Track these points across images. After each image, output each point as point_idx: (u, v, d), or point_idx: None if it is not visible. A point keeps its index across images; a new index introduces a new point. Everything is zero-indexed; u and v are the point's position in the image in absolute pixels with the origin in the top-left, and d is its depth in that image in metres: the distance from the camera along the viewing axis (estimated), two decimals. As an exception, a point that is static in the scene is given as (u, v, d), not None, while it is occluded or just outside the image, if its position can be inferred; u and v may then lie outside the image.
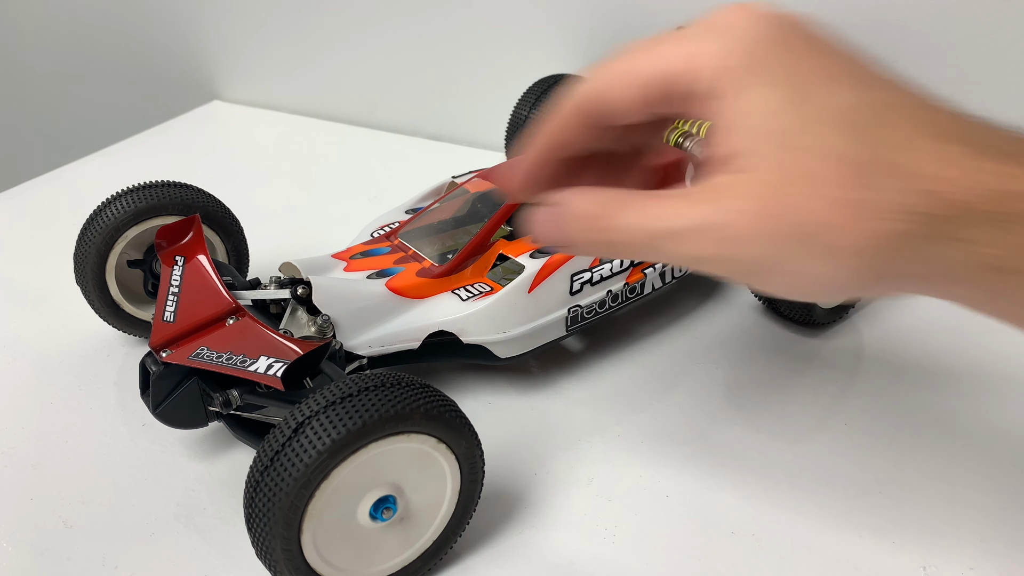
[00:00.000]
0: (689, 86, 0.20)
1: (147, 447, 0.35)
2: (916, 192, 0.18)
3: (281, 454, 0.24)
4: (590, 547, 0.30)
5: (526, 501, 0.32)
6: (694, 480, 0.33)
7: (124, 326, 0.40)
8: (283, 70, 0.71)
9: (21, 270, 0.49)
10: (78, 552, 0.30)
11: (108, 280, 0.38)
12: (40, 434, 0.36)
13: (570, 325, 0.37)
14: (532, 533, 0.31)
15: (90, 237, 0.37)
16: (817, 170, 0.18)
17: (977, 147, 0.19)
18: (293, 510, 0.24)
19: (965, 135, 0.19)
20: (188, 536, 0.31)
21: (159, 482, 0.33)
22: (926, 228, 0.18)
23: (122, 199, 0.37)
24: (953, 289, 0.19)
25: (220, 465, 0.34)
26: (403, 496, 0.27)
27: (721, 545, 0.30)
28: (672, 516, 0.31)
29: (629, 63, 0.22)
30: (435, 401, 0.26)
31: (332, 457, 0.24)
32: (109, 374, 0.40)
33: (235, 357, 0.30)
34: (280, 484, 0.24)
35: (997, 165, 0.18)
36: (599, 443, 0.35)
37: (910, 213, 0.18)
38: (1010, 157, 0.18)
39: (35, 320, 0.44)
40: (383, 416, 0.25)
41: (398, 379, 0.26)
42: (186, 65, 0.76)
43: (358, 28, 0.65)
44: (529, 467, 0.34)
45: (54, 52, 0.84)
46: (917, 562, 0.29)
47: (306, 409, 0.25)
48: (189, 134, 0.70)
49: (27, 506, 0.32)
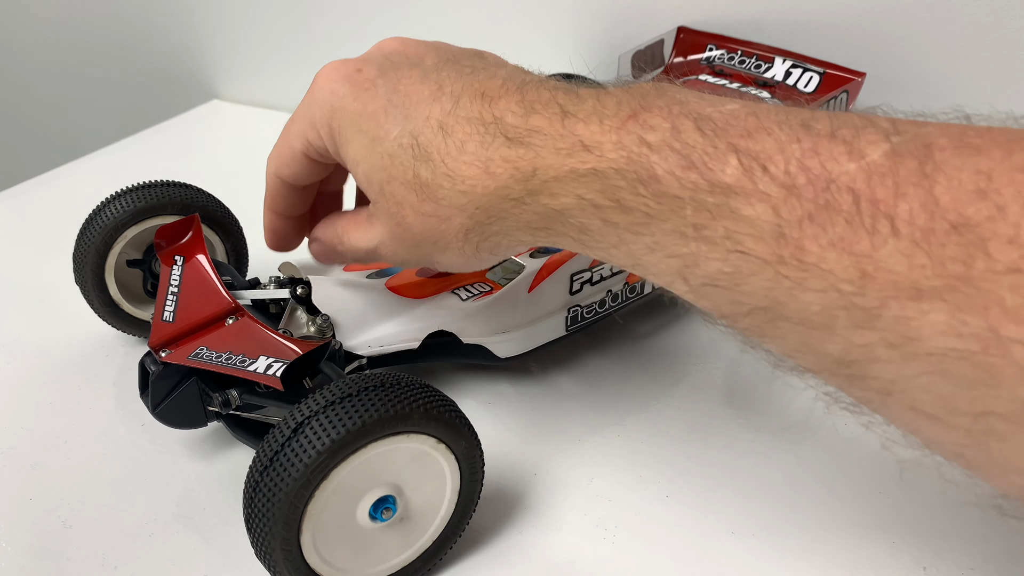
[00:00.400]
0: (325, 149, 0.28)
1: (146, 447, 0.35)
2: (461, 192, 0.24)
3: (280, 454, 0.24)
4: (590, 547, 0.30)
5: (526, 501, 0.32)
6: (694, 480, 0.33)
7: (123, 326, 0.40)
8: (283, 69, 0.71)
9: (20, 269, 0.49)
10: (77, 552, 0.30)
11: (107, 280, 0.38)
12: (39, 434, 0.36)
13: (570, 325, 0.37)
14: (532, 533, 0.31)
15: (89, 237, 0.37)
16: (404, 197, 0.26)
17: (506, 141, 0.24)
18: (292, 510, 0.24)
19: (507, 130, 0.24)
20: (188, 536, 0.31)
21: (159, 482, 0.33)
22: (485, 212, 0.25)
23: (121, 199, 0.37)
24: (527, 237, 0.25)
25: (220, 465, 0.34)
26: (403, 496, 0.27)
27: (721, 545, 0.30)
28: (672, 516, 0.31)
29: (288, 143, 0.29)
30: (435, 401, 0.26)
31: (332, 457, 0.24)
32: (108, 374, 0.39)
33: (234, 357, 0.30)
34: (279, 484, 0.24)
35: (513, 151, 0.24)
36: (599, 443, 0.35)
37: (467, 206, 0.25)
38: (515, 143, 0.24)
39: (34, 320, 0.44)
40: (383, 416, 0.25)
41: (398, 379, 0.26)
42: (185, 64, 0.76)
43: (358, 28, 0.65)
44: (529, 467, 0.34)
45: (52, 51, 0.84)
46: (917, 562, 0.29)
47: (305, 409, 0.25)
48: (188, 133, 0.70)
49: (26, 506, 0.32)
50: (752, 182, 0.20)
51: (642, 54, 0.49)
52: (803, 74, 0.46)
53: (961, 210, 0.17)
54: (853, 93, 0.44)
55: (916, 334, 0.17)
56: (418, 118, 0.26)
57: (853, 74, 0.44)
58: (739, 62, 0.48)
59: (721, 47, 0.49)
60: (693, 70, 0.49)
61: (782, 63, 0.47)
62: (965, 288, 0.17)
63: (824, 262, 0.19)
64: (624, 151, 0.22)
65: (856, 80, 0.44)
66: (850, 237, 0.18)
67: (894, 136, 0.19)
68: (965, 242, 0.17)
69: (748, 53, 0.48)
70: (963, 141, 0.18)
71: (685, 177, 0.20)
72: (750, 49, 0.48)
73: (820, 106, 0.43)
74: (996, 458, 0.18)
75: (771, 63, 0.47)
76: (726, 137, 0.20)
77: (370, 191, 0.27)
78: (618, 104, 0.23)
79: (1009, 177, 0.17)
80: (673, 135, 0.21)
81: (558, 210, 0.23)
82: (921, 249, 0.17)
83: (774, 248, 0.19)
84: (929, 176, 0.18)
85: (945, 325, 0.17)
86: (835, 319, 0.19)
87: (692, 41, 0.50)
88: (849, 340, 0.19)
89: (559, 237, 0.24)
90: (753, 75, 0.47)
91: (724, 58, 0.49)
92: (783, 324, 0.20)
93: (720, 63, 0.49)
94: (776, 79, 0.46)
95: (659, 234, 0.21)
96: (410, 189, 0.26)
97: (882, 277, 0.18)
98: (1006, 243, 0.16)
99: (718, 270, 0.21)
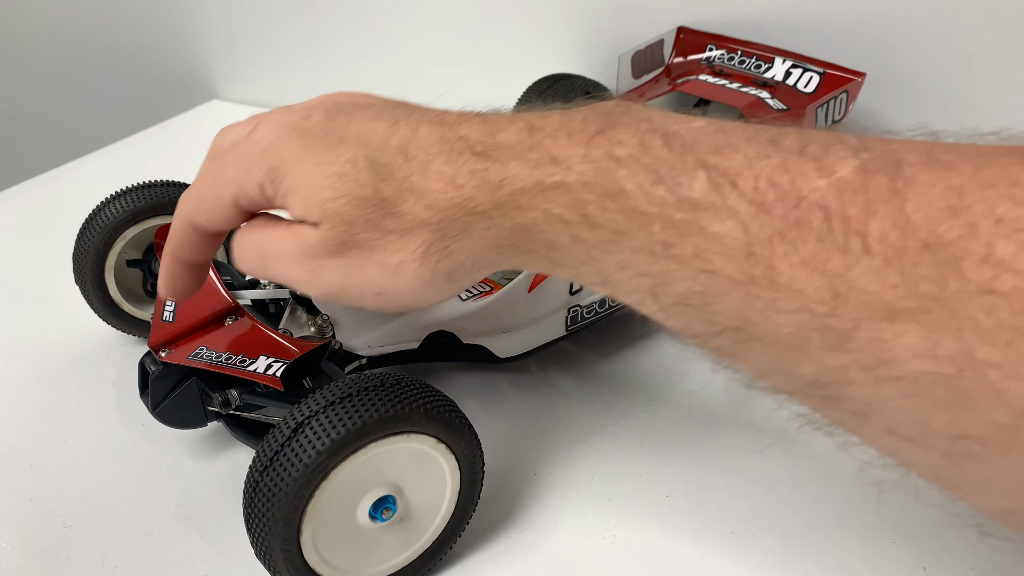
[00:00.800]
0: (261, 198, 0.26)
1: (146, 447, 0.35)
2: (426, 206, 0.23)
3: (280, 454, 0.24)
4: (590, 547, 0.30)
5: (526, 501, 0.32)
6: (694, 480, 0.33)
7: (123, 326, 0.40)
8: (283, 69, 0.71)
9: (19, 269, 0.49)
10: (77, 552, 0.30)
11: (107, 279, 0.38)
12: (38, 434, 0.36)
13: (570, 325, 0.37)
14: (532, 533, 0.31)
15: (89, 237, 0.37)
16: (354, 214, 0.24)
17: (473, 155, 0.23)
18: (292, 510, 0.24)
19: (473, 146, 0.23)
20: (187, 536, 0.31)
21: (158, 482, 0.33)
22: (449, 225, 0.23)
23: (121, 198, 0.37)
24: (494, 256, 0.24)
25: (219, 465, 0.34)
26: (403, 496, 0.27)
27: (721, 545, 0.30)
28: (672, 516, 0.31)
29: (214, 189, 0.27)
30: (435, 401, 0.26)
31: (332, 457, 0.24)
32: (108, 374, 0.39)
33: (234, 357, 0.30)
34: (279, 484, 0.24)
35: (479, 164, 0.23)
36: (599, 443, 0.35)
37: (431, 219, 0.23)
38: (482, 156, 0.23)
39: (33, 319, 0.44)
40: (383, 416, 0.25)
41: (398, 379, 0.26)
42: (185, 64, 0.76)
43: (358, 27, 0.65)
44: (529, 467, 0.34)
45: (52, 51, 0.84)
46: (917, 562, 0.29)
47: (305, 409, 0.25)
48: (188, 133, 0.70)
49: (25, 506, 0.32)
50: (721, 198, 0.19)
51: (642, 54, 0.49)
52: (803, 74, 0.46)
53: (933, 228, 0.17)
54: (853, 93, 0.44)
55: (890, 356, 0.17)
56: (375, 146, 0.24)
57: (853, 74, 0.44)
58: (739, 62, 0.48)
59: (721, 47, 0.49)
60: (693, 70, 0.49)
61: (782, 63, 0.47)
62: (939, 309, 0.16)
63: (796, 281, 0.18)
64: (592, 164, 0.21)
65: (856, 80, 0.44)
66: (822, 255, 0.18)
67: (863, 152, 0.19)
68: (938, 261, 0.16)
69: (748, 53, 0.48)
70: (932, 157, 0.18)
71: (653, 192, 0.20)
72: (750, 49, 0.48)
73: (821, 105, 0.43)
74: (974, 480, 0.18)
75: (771, 63, 0.47)
76: (694, 153, 0.20)
77: (309, 212, 0.24)
78: (584, 120, 0.22)
79: (980, 194, 0.17)
80: (641, 150, 0.21)
81: (525, 225, 0.23)
82: (894, 268, 0.17)
83: (744, 267, 0.19)
84: (900, 192, 0.17)
85: (919, 347, 0.17)
86: (808, 341, 0.18)
87: (692, 41, 0.50)
88: (822, 362, 0.19)
89: (528, 255, 0.24)
90: (753, 75, 0.47)
91: (724, 58, 0.49)
92: (755, 345, 0.20)
93: (720, 63, 0.49)
94: (776, 79, 0.46)
95: (628, 252, 0.21)
96: (366, 205, 0.24)
97: (855, 297, 0.17)
98: (979, 262, 0.16)
99: (688, 289, 0.20)
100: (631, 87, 0.49)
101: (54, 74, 0.86)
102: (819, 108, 0.42)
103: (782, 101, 0.44)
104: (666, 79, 0.50)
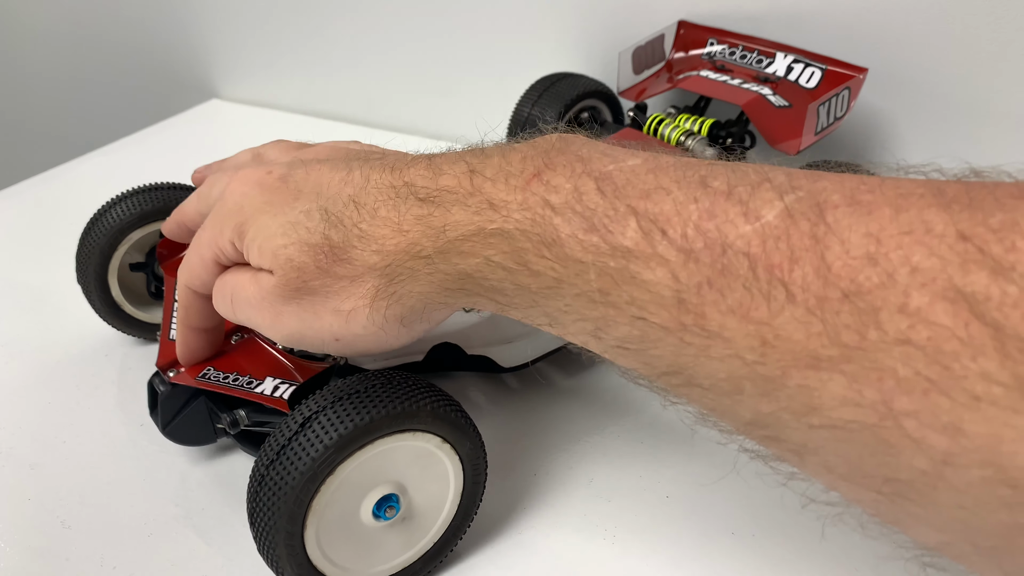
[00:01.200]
0: (234, 253, 0.27)
1: (146, 447, 0.35)
2: (373, 252, 0.24)
3: (288, 448, 0.24)
4: (590, 547, 0.30)
5: (526, 501, 0.32)
6: (694, 480, 0.33)
7: (124, 327, 0.40)
8: (282, 68, 0.71)
9: (19, 269, 0.49)
10: (76, 552, 0.30)
11: (110, 281, 0.38)
12: (38, 434, 0.36)
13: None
14: (532, 533, 0.31)
15: (94, 238, 0.37)
16: (306, 261, 0.25)
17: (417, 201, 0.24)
18: (298, 504, 0.24)
19: (417, 192, 0.24)
20: (187, 536, 0.31)
21: (158, 482, 0.33)
22: (395, 269, 0.24)
23: (127, 200, 0.37)
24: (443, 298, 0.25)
25: (219, 465, 0.34)
26: (406, 495, 0.27)
27: (721, 545, 0.30)
28: (672, 516, 0.31)
29: (197, 252, 0.28)
30: (442, 401, 0.26)
31: (338, 452, 0.24)
32: (108, 374, 0.39)
33: (241, 378, 0.31)
34: (286, 478, 0.24)
35: (423, 209, 0.23)
36: (599, 443, 0.35)
37: (378, 264, 0.24)
38: (426, 202, 0.24)
39: (33, 319, 0.44)
40: (390, 413, 0.25)
41: (404, 377, 0.26)
42: (185, 63, 0.76)
43: (358, 26, 0.65)
44: (529, 467, 0.34)
45: (52, 51, 0.84)
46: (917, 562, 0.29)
47: (313, 404, 0.25)
48: (188, 132, 0.70)
49: (25, 506, 0.32)
50: (651, 246, 0.19)
51: (642, 50, 0.49)
52: (805, 69, 0.45)
53: (852, 277, 0.17)
54: (855, 89, 0.44)
55: (818, 404, 0.17)
56: (329, 196, 0.25)
57: (855, 70, 0.44)
58: (740, 57, 0.48)
59: (722, 42, 0.49)
60: (694, 65, 0.49)
61: (784, 58, 0.46)
62: (859, 358, 0.16)
63: (725, 330, 0.18)
64: (529, 212, 0.21)
65: (858, 76, 0.44)
66: (748, 303, 0.18)
67: (788, 195, 0.19)
68: (857, 310, 0.17)
69: (749, 48, 0.48)
70: (854, 198, 0.18)
71: (587, 240, 0.20)
72: (751, 44, 0.48)
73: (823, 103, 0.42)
74: (910, 516, 0.18)
75: (772, 58, 0.47)
76: (625, 199, 0.20)
77: (263, 260, 0.26)
78: (523, 160, 0.23)
79: (897, 241, 0.17)
80: (575, 197, 0.21)
81: (468, 272, 0.23)
82: (816, 317, 0.17)
83: (675, 315, 0.19)
84: (820, 240, 0.17)
85: (843, 397, 0.17)
86: (742, 387, 0.19)
87: (693, 36, 0.50)
88: (756, 408, 0.19)
89: (475, 298, 0.24)
90: (755, 71, 0.47)
91: (725, 53, 0.48)
92: (694, 389, 0.20)
93: (721, 58, 0.49)
94: (778, 75, 0.46)
95: (568, 297, 0.21)
96: (316, 252, 0.25)
97: (781, 346, 0.17)
98: (896, 312, 0.16)
99: (627, 334, 0.21)
100: (632, 83, 0.49)
101: (54, 74, 0.86)
102: (821, 106, 0.42)
103: (784, 97, 0.44)
104: (667, 74, 0.50)
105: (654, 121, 0.44)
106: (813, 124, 0.42)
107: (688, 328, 0.19)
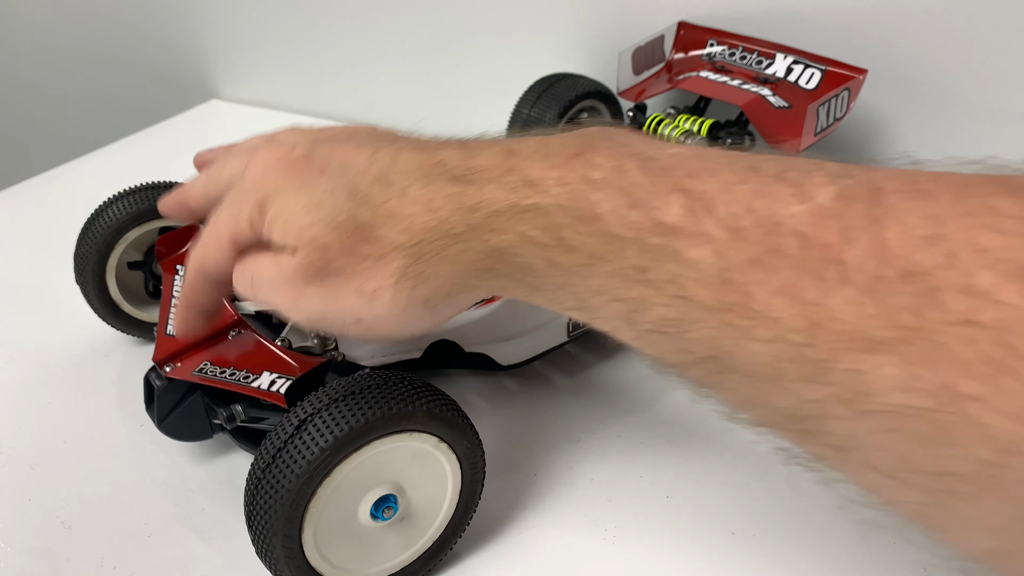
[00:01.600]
0: (253, 229, 0.26)
1: (145, 447, 0.35)
2: (402, 230, 0.23)
3: (284, 451, 0.24)
4: (590, 547, 0.30)
5: (526, 501, 0.32)
6: (694, 480, 0.33)
7: (123, 326, 0.40)
8: (282, 69, 0.71)
9: (19, 269, 0.49)
10: (76, 552, 0.30)
11: (108, 280, 0.38)
12: (38, 434, 0.36)
13: (572, 331, 0.37)
14: (532, 533, 0.31)
15: (91, 237, 0.37)
16: (331, 240, 0.24)
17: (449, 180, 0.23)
18: (295, 507, 0.24)
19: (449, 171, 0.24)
20: (187, 536, 0.31)
21: (158, 482, 0.33)
22: (424, 248, 0.23)
23: (124, 200, 0.37)
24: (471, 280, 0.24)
25: (219, 465, 0.34)
26: (404, 495, 0.27)
27: (721, 545, 0.30)
28: (672, 516, 0.31)
29: (214, 233, 0.27)
30: (438, 400, 0.26)
31: (335, 454, 0.24)
32: (108, 374, 0.39)
33: (238, 372, 0.30)
34: (282, 481, 0.24)
35: (455, 188, 0.23)
36: (599, 443, 0.35)
37: (406, 243, 0.23)
38: (459, 181, 0.23)
39: (33, 319, 0.44)
40: (386, 414, 0.25)
41: (401, 378, 0.26)
42: (184, 63, 0.76)
43: (358, 26, 0.65)
44: (529, 467, 0.34)
45: (52, 51, 0.84)
46: (918, 562, 0.29)
47: (308, 406, 0.25)
48: (188, 133, 0.70)
49: (25, 506, 0.32)
50: (696, 223, 0.19)
51: (642, 50, 0.49)
52: (804, 70, 0.45)
53: (911, 256, 0.16)
54: (855, 90, 0.44)
55: (869, 389, 0.16)
56: (355, 174, 0.25)
57: (855, 71, 0.44)
58: (740, 58, 0.48)
59: (722, 43, 0.49)
60: (694, 66, 0.49)
61: (783, 59, 0.46)
62: (918, 340, 0.16)
63: (771, 310, 0.18)
64: (567, 187, 0.21)
65: (858, 77, 0.44)
66: (798, 283, 0.17)
67: (842, 179, 0.18)
68: (916, 291, 0.16)
69: (749, 49, 0.48)
70: (913, 185, 0.17)
71: (628, 216, 0.20)
72: (751, 45, 0.48)
73: (823, 103, 0.43)
74: (960, 519, 0.17)
75: (772, 59, 0.47)
76: (671, 177, 0.20)
77: (287, 239, 0.25)
78: (562, 144, 0.22)
79: (960, 222, 0.16)
80: (617, 174, 0.21)
81: (501, 248, 0.22)
82: (871, 298, 0.16)
83: (719, 294, 0.18)
84: (878, 220, 0.17)
85: (898, 380, 0.16)
86: (784, 372, 0.18)
87: (693, 37, 0.50)
88: (800, 395, 0.18)
89: (504, 279, 0.23)
90: (754, 71, 0.47)
91: (725, 54, 0.49)
92: (732, 376, 0.19)
93: (721, 59, 0.49)
94: (777, 76, 0.46)
95: (603, 276, 0.21)
96: (342, 231, 0.24)
97: (832, 327, 0.17)
98: (958, 292, 0.15)
99: (663, 316, 0.20)
100: (632, 84, 0.49)
101: (54, 74, 0.86)
102: (820, 107, 0.42)
103: (783, 98, 0.44)
104: (666, 75, 0.50)
105: (653, 121, 0.45)
106: (813, 125, 0.42)
107: (731, 308, 0.18)
